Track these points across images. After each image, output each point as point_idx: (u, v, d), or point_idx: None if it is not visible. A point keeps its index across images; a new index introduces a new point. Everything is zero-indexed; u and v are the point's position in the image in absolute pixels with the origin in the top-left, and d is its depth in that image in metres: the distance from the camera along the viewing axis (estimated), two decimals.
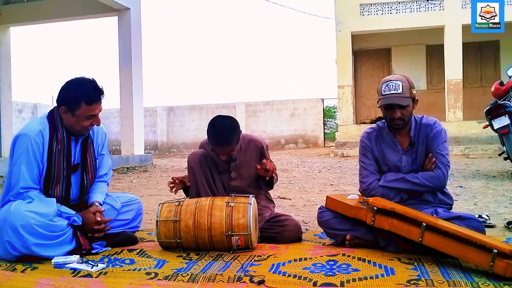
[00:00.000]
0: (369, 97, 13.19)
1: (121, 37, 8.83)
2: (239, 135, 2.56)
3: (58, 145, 2.40)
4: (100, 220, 2.39)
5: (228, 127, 2.50)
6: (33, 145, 2.33)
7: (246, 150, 2.67)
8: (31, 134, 2.35)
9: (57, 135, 2.40)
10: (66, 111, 2.37)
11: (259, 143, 2.70)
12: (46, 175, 2.38)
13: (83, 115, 2.37)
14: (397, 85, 2.37)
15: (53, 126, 2.41)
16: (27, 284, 1.90)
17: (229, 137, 2.48)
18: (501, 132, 5.46)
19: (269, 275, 1.95)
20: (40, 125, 2.40)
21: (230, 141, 2.49)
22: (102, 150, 2.65)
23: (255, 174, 2.64)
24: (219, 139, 2.48)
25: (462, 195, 4.36)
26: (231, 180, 2.67)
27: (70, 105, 2.36)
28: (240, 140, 2.63)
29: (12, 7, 9.88)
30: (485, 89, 10.63)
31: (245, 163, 2.66)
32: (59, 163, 2.40)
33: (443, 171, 2.37)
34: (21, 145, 2.35)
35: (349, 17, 11.89)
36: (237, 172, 2.67)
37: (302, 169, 7.75)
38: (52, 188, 2.40)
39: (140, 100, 9.07)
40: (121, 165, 8.02)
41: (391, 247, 2.28)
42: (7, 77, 9.98)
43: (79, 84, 2.38)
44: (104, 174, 2.66)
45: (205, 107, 16.70)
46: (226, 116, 2.61)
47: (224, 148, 2.50)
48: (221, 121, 2.53)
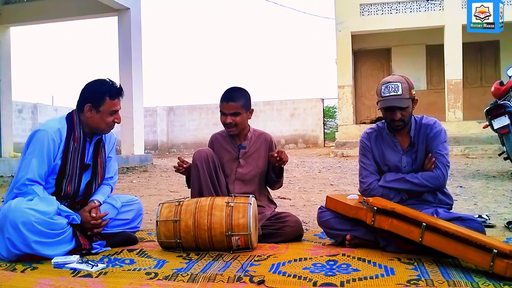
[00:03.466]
0: (369, 97, 13.20)
1: (121, 37, 8.83)
2: (248, 102, 2.72)
3: (75, 143, 2.46)
4: (95, 215, 2.41)
5: (239, 90, 2.73)
6: (49, 142, 2.39)
7: (256, 141, 2.80)
8: (50, 131, 2.41)
9: (74, 134, 2.47)
10: (91, 109, 2.46)
11: (269, 136, 2.84)
12: (60, 171, 2.42)
13: (107, 111, 2.46)
14: (396, 87, 2.37)
15: (71, 126, 2.48)
16: (27, 284, 1.90)
17: (236, 94, 2.68)
18: (501, 132, 5.46)
19: (269, 275, 1.95)
20: (59, 123, 2.48)
21: (236, 98, 2.66)
22: (110, 153, 2.70)
23: (263, 165, 2.76)
24: (226, 95, 2.67)
25: (462, 195, 4.36)
26: (238, 167, 2.74)
27: (95, 101, 2.45)
28: (252, 132, 2.81)
29: (12, 7, 9.88)
30: (485, 89, 10.63)
31: (254, 152, 2.77)
32: (74, 161, 2.46)
33: (442, 171, 2.37)
34: (37, 140, 2.39)
35: (349, 17, 11.89)
36: (245, 160, 2.75)
37: (302, 169, 7.75)
38: (65, 185, 2.44)
39: (140, 100, 9.07)
40: (121, 165, 8.01)
41: (391, 247, 2.28)
42: (7, 77, 9.98)
43: (101, 82, 2.52)
44: (110, 178, 2.69)
45: (205, 107, 16.70)
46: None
47: (230, 105, 2.64)
48: (234, 86, 2.76)
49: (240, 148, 2.76)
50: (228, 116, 2.66)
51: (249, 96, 2.74)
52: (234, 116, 2.65)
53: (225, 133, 2.82)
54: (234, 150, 2.77)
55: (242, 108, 2.67)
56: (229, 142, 2.79)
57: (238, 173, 2.73)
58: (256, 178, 2.75)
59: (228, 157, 2.77)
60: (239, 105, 2.65)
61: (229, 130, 2.71)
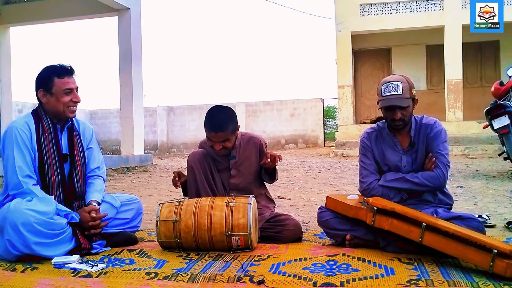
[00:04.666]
0: (369, 97, 13.20)
1: (121, 37, 8.82)
2: (235, 125, 2.59)
3: (45, 133, 2.49)
4: (94, 216, 2.41)
5: (224, 114, 2.56)
6: (20, 134, 2.43)
7: (245, 147, 2.69)
8: (17, 126, 2.46)
9: (42, 124, 2.50)
10: (45, 93, 2.49)
11: (258, 140, 2.72)
12: (39, 163, 2.45)
13: (60, 91, 2.46)
14: (397, 86, 2.37)
15: (37, 117, 2.52)
16: (27, 284, 1.90)
17: (224, 122, 2.52)
18: (501, 132, 5.46)
19: (269, 275, 1.95)
20: (25, 118, 2.53)
21: (225, 127, 2.51)
22: (90, 144, 2.70)
23: (255, 171, 2.68)
24: (214, 124, 2.53)
25: (462, 195, 4.36)
26: (231, 178, 2.68)
27: (45, 86, 2.48)
28: (240, 138, 2.67)
29: (12, 7, 9.88)
30: (485, 89, 10.63)
31: (245, 160, 2.68)
32: (50, 150, 2.48)
33: (443, 171, 2.37)
34: (9, 137, 2.44)
35: (349, 17, 11.89)
36: (237, 169, 2.68)
37: (302, 169, 7.75)
38: (49, 174, 2.46)
39: (140, 100, 9.06)
40: (121, 165, 8.01)
41: (391, 247, 2.28)
42: (7, 77, 9.98)
43: (48, 66, 2.54)
44: (97, 168, 2.69)
45: (205, 107, 16.60)
46: (225, 105, 2.66)
47: (218, 135, 2.52)
48: (218, 109, 2.60)
49: (230, 158, 2.67)
50: (217, 144, 2.54)
51: (235, 116, 2.59)
52: (223, 142, 2.55)
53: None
54: (224, 160, 2.68)
55: (231, 133, 2.55)
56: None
57: (231, 184, 2.67)
58: (251, 185, 2.69)
59: (219, 167, 2.69)
60: (228, 133, 2.53)
61: (219, 153, 2.61)
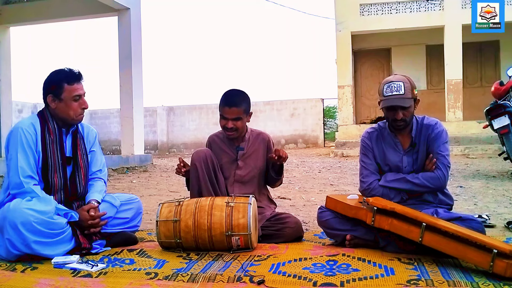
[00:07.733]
0: (369, 97, 13.19)
1: (121, 37, 8.82)
2: (249, 107, 2.71)
3: (50, 135, 2.50)
4: (93, 214, 2.42)
5: (240, 94, 2.71)
6: (26, 135, 2.43)
7: (254, 141, 2.78)
8: (23, 127, 2.45)
9: (48, 127, 2.51)
10: (54, 99, 2.49)
11: (267, 136, 2.83)
12: (43, 164, 2.45)
13: (69, 97, 2.47)
14: (399, 86, 2.37)
15: (43, 120, 2.52)
16: (27, 284, 1.90)
17: (238, 99, 2.66)
18: (501, 132, 5.46)
19: (269, 275, 1.95)
20: (31, 119, 2.53)
21: (239, 103, 2.64)
22: (93, 147, 2.71)
23: (261, 166, 2.75)
24: (228, 100, 2.65)
25: (462, 195, 4.36)
26: (237, 169, 2.73)
27: (54, 91, 2.48)
28: (250, 132, 2.79)
29: (12, 7, 9.87)
30: (485, 89, 10.63)
31: (253, 153, 2.76)
32: (54, 153, 2.49)
33: (443, 172, 2.37)
34: (14, 138, 2.44)
35: (349, 17, 11.89)
36: (244, 161, 2.74)
37: (302, 169, 7.75)
38: (52, 176, 2.46)
39: (140, 100, 9.06)
40: (121, 165, 8.01)
41: (391, 247, 2.28)
42: (7, 77, 9.97)
43: (57, 71, 2.54)
44: (98, 171, 2.70)
45: (205, 107, 16.69)
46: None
47: (232, 109, 2.63)
48: (234, 89, 2.75)
49: (238, 149, 2.75)
50: (229, 121, 2.64)
51: (249, 99, 2.73)
52: (235, 121, 2.64)
53: (222, 135, 2.81)
54: (232, 151, 2.76)
55: (244, 113, 2.67)
56: (227, 143, 2.78)
57: (237, 175, 2.73)
58: (255, 178, 2.75)
59: (226, 159, 2.76)
60: (241, 110, 2.64)
61: (229, 134, 2.70)
